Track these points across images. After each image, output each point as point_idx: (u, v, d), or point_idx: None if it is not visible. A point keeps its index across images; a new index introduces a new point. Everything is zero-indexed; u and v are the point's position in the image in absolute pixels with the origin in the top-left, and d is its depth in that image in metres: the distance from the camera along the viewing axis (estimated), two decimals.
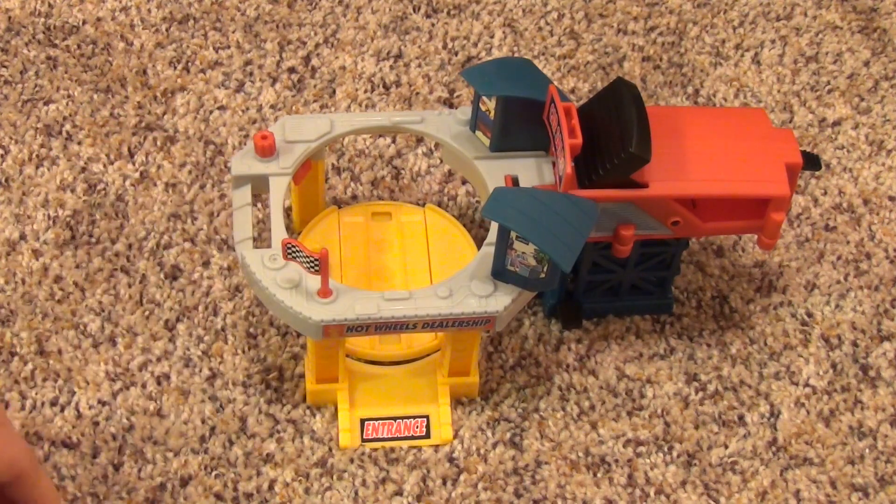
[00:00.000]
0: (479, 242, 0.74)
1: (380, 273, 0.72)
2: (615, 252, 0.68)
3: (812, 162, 0.69)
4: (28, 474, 0.57)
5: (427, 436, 0.69)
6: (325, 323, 0.63)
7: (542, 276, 0.63)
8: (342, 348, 0.68)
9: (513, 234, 0.62)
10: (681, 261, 0.73)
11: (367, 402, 0.70)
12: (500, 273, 0.64)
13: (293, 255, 0.62)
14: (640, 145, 0.63)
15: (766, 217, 0.67)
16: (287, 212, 0.77)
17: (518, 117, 0.68)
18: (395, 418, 0.69)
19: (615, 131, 0.64)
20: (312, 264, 0.62)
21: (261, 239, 0.69)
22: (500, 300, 0.64)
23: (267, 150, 0.68)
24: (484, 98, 0.68)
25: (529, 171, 0.68)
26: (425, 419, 0.69)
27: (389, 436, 0.69)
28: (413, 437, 0.69)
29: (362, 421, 0.69)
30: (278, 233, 0.66)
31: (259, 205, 0.76)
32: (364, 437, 0.69)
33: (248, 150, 0.69)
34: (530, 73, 0.68)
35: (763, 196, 0.66)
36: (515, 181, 0.68)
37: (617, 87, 0.66)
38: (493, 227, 0.65)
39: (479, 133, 0.70)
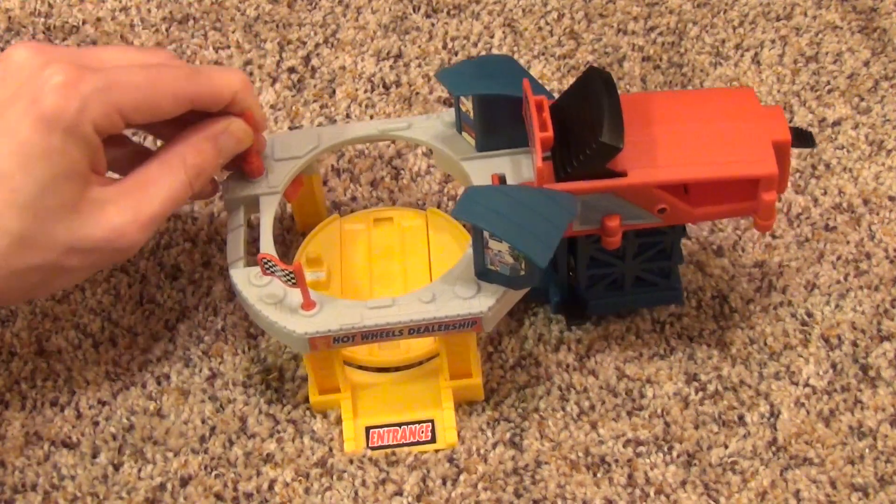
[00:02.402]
0: None
1: (381, 280, 0.72)
2: (605, 244, 0.67)
3: (804, 138, 0.67)
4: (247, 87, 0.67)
5: (433, 440, 0.69)
6: (310, 335, 0.63)
7: (522, 273, 0.63)
8: (338, 358, 0.68)
9: (486, 233, 0.61)
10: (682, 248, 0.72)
11: (371, 409, 0.70)
12: (483, 273, 0.64)
13: (270, 269, 0.62)
14: (611, 134, 0.62)
15: (757, 199, 0.66)
16: (290, 217, 0.77)
17: (499, 115, 0.67)
18: (399, 424, 0.69)
19: (587, 121, 0.63)
20: (289, 278, 0.62)
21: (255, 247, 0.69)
22: (483, 301, 0.64)
23: (255, 172, 0.69)
24: (463, 99, 0.68)
25: (516, 168, 0.68)
26: (430, 424, 0.69)
27: (395, 442, 0.69)
28: (418, 443, 0.69)
29: (367, 429, 0.69)
30: (266, 250, 0.66)
31: (254, 216, 0.76)
32: (369, 444, 0.69)
33: (237, 173, 0.69)
34: (508, 70, 0.68)
35: (748, 176, 0.65)
36: (503, 180, 0.67)
37: (589, 76, 0.65)
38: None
39: (464, 134, 0.70)
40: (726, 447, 0.70)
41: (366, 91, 0.84)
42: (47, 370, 0.71)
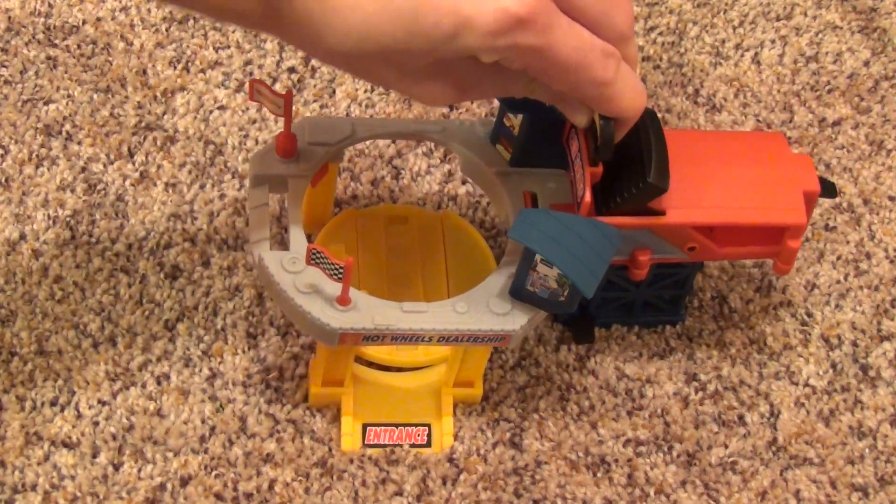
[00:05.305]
0: None
1: (398, 280, 0.72)
2: (631, 275, 0.68)
3: (828, 190, 0.69)
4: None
5: (428, 444, 0.69)
6: (343, 331, 0.63)
7: (562, 299, 0.63)
8: (353, 352, 0.67)
9: (537, 257, 0.61)
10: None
11: (371, 407, 0.69)
12: (519, 292, 0.64)
13: (317, 260, 0.62)
14: (658, 175, 0.63)
15: (782, 244, 0.67)
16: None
17: (542, 136, 0.67)
18: (396, 425, 0.69)
19: (634, 159, 0.63)
20: (336, 271, 0.61)
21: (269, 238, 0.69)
22: (516, 319, 0.64)
23: (289, 152, 0.68)
24: (509, 114, 0.68)
25: (548, 188, 0.68)
26: (427, 428, 0.69)
27: (391, 442, 0.69)
28: (414, 445, 0.69)
29: (364, 426, 0.69)
30: (297, 236, 0.65)
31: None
32: (366, 441, 0.69)
33: (269, 150, 0.68)
34: None
35: (779, 224, 0.66)
36: (534, 197, 0.68)
37: None
38: (512, 242, 0.65)
39: (499, 147, 0.70)
40: (726, 447, 0.70)
41: (366, 91, 0.84)
42: (47, 370, 0.71)
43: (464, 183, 0.79)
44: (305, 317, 0.63)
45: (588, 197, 0.63)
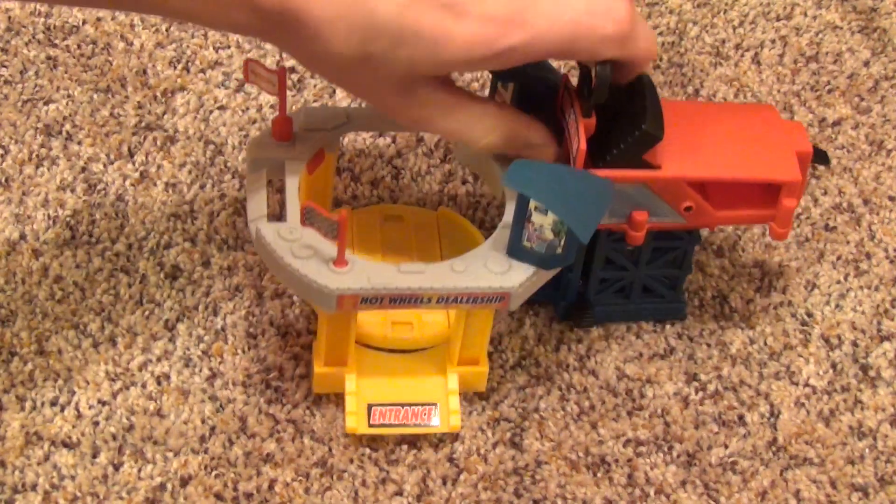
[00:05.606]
0: None
1: None
2: (629, 239, 0.68)
3: (821, 157, 0.69)
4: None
5: (435, 423, 0.68)
6: (340, 292, 0.62)
7: (559, 251, 0.63)
8: (354, 323, 0.67)
9: (531, 206, 0.61)
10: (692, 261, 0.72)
11: (375, 387, 0.69)
12: (516, 250, 0.64)
13: (311, 219, 0.62)
14: (653, 123, 0.63)
15: (778, 204, 0.67)
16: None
17: (532, 107, 0.68)
18: (402, 405, 0.69)
19: (628, 111, 0.64)
20: (330, 228, 0.61)
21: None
22: (514, 277, 0.64)
23: (284, 135, 0.69)
24: (500, 90, 0.68)
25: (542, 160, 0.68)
26: (434, 407, 0.69)
27: (396, 422, 0.68)
28: (420, 425, 0.68)
29: (369, 406, 0.69)
30: (293, 208, 0.66)
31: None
32: (371, 422, 0.68)
33: (265, 134, 0.69)
34: (545, 66, 0.69)
35: (775, 181, 0.67)
36: None
37: None
38: (509, 209, 0.65)
39: None
40: (726, 447, 0.70)
41: None
42: (47, 370, 0.71)
43: (464, 183, 0.79)
44: (302, 280, 0.63)
45: (583, 145, 0.64)
